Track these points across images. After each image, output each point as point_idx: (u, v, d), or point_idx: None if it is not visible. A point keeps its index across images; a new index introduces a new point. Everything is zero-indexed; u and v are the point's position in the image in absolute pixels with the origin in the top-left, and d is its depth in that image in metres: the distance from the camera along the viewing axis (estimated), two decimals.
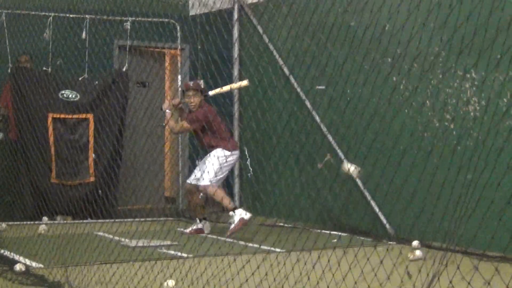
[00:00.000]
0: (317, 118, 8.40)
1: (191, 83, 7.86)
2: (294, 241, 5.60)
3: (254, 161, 8.38)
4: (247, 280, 4.61)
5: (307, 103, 8.58)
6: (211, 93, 7.72)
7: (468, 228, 4.70)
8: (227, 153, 7.64)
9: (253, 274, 4.62)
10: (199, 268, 4.99)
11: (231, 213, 7.47)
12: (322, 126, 8.32)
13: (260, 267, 4.65)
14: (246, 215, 7.40)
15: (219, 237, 7.54)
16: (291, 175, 8.24)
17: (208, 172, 7.51)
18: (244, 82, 7.77)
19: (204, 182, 7.58)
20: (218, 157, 7.53)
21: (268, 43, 9.13)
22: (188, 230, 7.93)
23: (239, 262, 4.86)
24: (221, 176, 7.69)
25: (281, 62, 8.91)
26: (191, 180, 7.89)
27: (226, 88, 7.80)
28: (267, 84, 8.68)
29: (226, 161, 7.58)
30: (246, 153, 7.83)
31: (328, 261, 4.35)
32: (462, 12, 4.15)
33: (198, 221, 7.99)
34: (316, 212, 8.09)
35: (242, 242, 7.11)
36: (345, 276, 4.22)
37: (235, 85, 8.04)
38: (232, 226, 7.38)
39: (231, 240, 7.17)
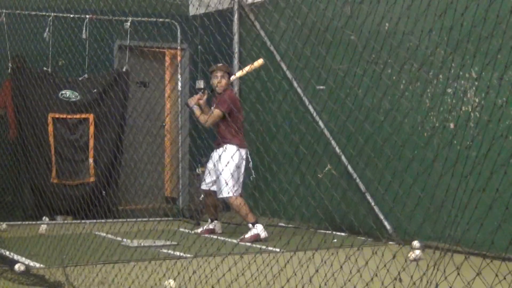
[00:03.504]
0: (317, 118, 8.41)
1: (219, 64, 7.75)
2: (293, 241, 5.60)
3: (254, 161, 8.37)
4: (238, 281, 4.62)
5: (307, 103, 8.58)
6: (232, 78, 7.72)
7: (468, 228, 4.70)
8: (235, 149, 7.39)
9: (250, 274, 4.62)
10: (199, 268, 4.99)
11: (250, 225, 7.43)
12: (322, 126, 8.32)
13: (260, 267, 4.66)
14: (263, 234, 7.36)
15: (219, 237, 7.55)
16: (291, 175, 8.24)
17: (226, 183, 7.29)
18: (260, 61, 7.64)
19: (226, 194, 7.46)
20: (228, 161, 7.19)
21: (268, 43, 9.14)
22: (199, 230, 7.93)
23: (239, 263, 4.86)
24: (239, 180, 7.54)
25: (280, 61, 8.91)
26: (205, 186, 7.81)
27: (244, 71, 7.75)
28: (267, 84, 8.68)
29: (238, 160, 7.41)
30: (249, 155, 7.80)
31: (323, 261, 4.35)
32: (462, 11, 4.16)
33: (209, 221, 7.99)
34: (316, 212, 8.09)
35: (243, 243, 7.12)
36: (347, 277, 4.22)
37: (252, 66, 7.73)
38: (247, 235, 7.35)
39: (233, 241, 7.18)
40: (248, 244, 7.11)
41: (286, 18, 7.59)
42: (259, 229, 7.38)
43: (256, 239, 7.29)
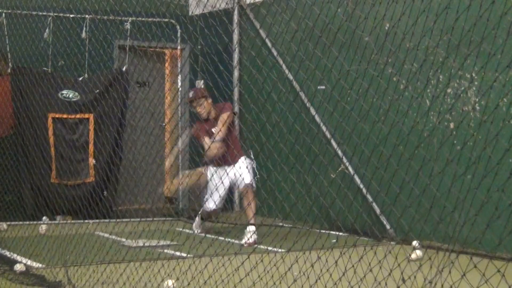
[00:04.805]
0: (318, 119, 8.41)
1: (191, 94, 7.59)
2: (293, 241, 5.60)
3: (256, 161, 8.38)
4: (240, 280, 4.61)
5: (307, 103, 8.58)
6: None
7: (468, 229, 4.70)
8: (245, 159, 7.51)
9: (252, 273, 4.61)
10: (199, 268, 4.99)
11: (251, 228, 7.25)
12: (322, 126, 8.33)
13: (260, 266, 4.66)
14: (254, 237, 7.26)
15: (219, 237, 7.55)
16: (291, 175, 8.24)
17: (248, 172, 7.29)
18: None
19: (249, 181, 7.31)
20: (246, 164, 7.37)
21: (268, 43, 9.14)
22: (197, 230, 7.95)
23: (239, 262, 4.86)
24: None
25: (281, 61, 8.91)
26: (214, 205, 7.50)
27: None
28: (267, 84, 8.68)
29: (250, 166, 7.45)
30: (252, 156, 7.79)
31: (326, 261, 4.35)
32: (463, 12, 4.16)
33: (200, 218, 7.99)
34: (316, 212, 8.09)
35: (249, 246, 7.12)
36: (345, 277, 4.22)
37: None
38: (253, 239, 7.19)
39: (232, 240, 7.19)
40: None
41: (287, 18, 7.59)
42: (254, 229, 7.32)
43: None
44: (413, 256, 6.01)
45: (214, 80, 7.61)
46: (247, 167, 7.33)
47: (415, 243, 6.66)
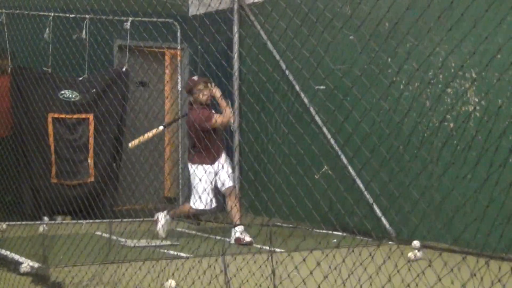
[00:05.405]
0: (318, 119, 8.41)
1: (195, 78, 7.65)
2: (294, 241, 5.60)
3: (253, 160, 8.38)
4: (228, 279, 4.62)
5: (307, 103, 8.59)
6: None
7: (468, 228, 4.71)
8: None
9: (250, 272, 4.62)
10: (199, 268, 4.99)
11: (241, 227, 7.36)
12: (322, 126, 8.33)
13: (258, 266, 4.66)
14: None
15: (218, 237, 7.55)
16: (290, 174, 8.24)
17: (230, 174, 7.58)
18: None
19: (232, 183, 7.56)
20: (229, 163, 7.67)
21: (268, 43, 9.14)
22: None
23: (238, 262, 4.86)
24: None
25: (281, 62, 8.91)
26: (211, 205, 7.63)
27: (144, 137, 7.73)
28: (267, 84, 8.69)
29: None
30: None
31: (321, 261, 4.35)
32: (463, 12, 4.16)
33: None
34: (316, 212, 8.09)
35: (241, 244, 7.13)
36: (345, 277, 4.22)
37: (151, 133, 7.78)
38: (248, 239, 7.29)
39: (232, 241, 7.20)
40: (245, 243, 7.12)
41: (286, 18, 7.60)
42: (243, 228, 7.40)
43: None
44: (412, 256, 6.01)
45: (214, 79, 7.62)
46: (229, 168, 7.62)
47: (415, 243, 6.66)
